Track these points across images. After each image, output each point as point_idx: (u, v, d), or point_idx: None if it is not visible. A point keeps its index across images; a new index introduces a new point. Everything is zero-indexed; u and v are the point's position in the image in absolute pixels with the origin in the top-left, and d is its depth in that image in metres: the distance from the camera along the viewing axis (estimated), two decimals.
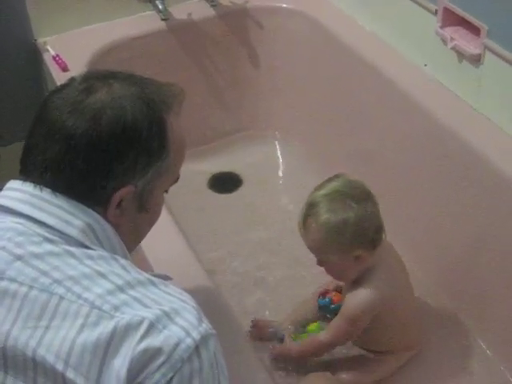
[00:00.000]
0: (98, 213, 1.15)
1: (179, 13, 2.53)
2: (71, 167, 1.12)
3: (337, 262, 1.75)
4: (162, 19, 2.49)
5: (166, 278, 1.28)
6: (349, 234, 1.70)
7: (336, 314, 1.84)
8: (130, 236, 1.24)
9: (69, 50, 2.34)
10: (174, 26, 2.52)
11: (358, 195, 1.72)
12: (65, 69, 2.27)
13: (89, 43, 2.36)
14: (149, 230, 1.30)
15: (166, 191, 1.29)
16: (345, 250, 1.72)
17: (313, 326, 1.95)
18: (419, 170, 2.12)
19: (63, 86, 1.18)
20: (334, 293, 2.00)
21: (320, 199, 1.73)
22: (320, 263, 1.80)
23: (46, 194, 1.13)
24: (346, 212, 1.69)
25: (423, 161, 2.06)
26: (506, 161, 1.85)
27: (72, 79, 1.19)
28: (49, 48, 2.36)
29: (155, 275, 1.19)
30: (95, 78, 1.19)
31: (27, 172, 1.16)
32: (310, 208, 1.74)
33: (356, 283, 1.79)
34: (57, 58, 2.29)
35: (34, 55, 2.41)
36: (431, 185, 2.08)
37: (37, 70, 2.44)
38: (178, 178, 1.30)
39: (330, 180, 1.77)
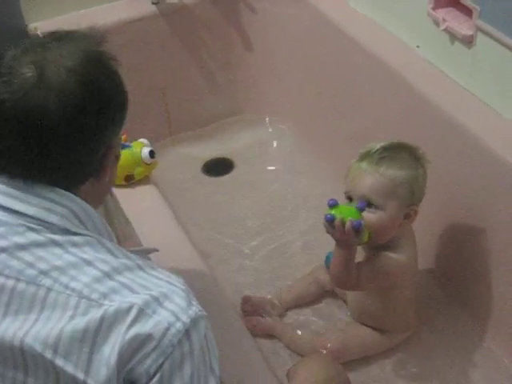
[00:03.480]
0: (88, 189, 1.14)
1: None
2: (49, 153, 1.08)
3: (392, 214, 1.72)
4: (153, 3, 2.47)
5: (152, 250, 1.28)
6: (418, 187, 1.74)
7: None
8: (102, 194, 1.24)
9: None
10: (165, 9, 2.50)
11: (423, 157, 1.78)
12: None
13: (80, 28, 2.35)
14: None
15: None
16: (405, 203, 1.73)
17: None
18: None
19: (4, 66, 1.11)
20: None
21: (391, 147, 1.76)
22: (367, 216, 1.70)
23: (22, 184, 1.11)
24: (417, 168, 1.75)
25: (416, 142, 2.06)
26: (498, 141, 1.84)
27: (9, 56, 1.13)
28: (39, 33, 2.34)
29: (141, 249, 1.19)
30: (33, 50, 1.12)
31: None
32: (386, 151, 1.75)
33: (389, 245, 1.78)
34: None
35: None
36: None
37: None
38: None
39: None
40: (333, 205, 1.66)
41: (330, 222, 1.65)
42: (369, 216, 1.70)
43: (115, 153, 1.19)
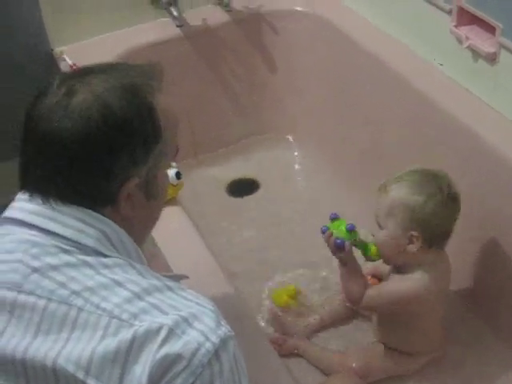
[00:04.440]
0: (109, 214, 1.14)
1: (194, 19, 2.54)
2: (72, 175, 1.11)
3: (392, 235, 1.75)
4: (177, 26, 2.50)
5: (182, 277, 1.28)
6: (419, 215, 1.72)
7: None
8: (142, 226, 1.23)
9: (85, 58, 2.31)
10: (190, 32, 2.53)
11: (451, 191, 1.75)
12: None
13: (105, 51, 2.37)
14: (159, 215, 1.28)
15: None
16: (404, 226, 1.73)
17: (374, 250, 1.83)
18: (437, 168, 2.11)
19: (42, 95, 1.14)
20: (369, 277, 1.98)
21: (416, 172, 1.78)
22: (375, 234, 1.80)
23: (56, 204, 1.12)
24: (430, 196, 1.73)
25: (440, 160, 2.06)
26: None
27: (49, 85, 1.15)
28: (65, 57, 2.37)
29: (172, 276, 1.19)
30: (72, 78, 1.15)
31: (30, 187, 1.14)
32: (401, 176, 1.77)
33: (403, 269, 1.81)
34: (74, 67, 2.31)
35: (52, 65, 2.43)
36: None
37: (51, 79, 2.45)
38: (177, 150, 1.27)
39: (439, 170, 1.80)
40: (332, 218, 1.79)
41: (322, 233, 1.79)
42: (376, 234, 1.79)
43: (145, 186, 1.17)
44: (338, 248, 1.76)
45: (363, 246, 1.83)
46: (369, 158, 2.41)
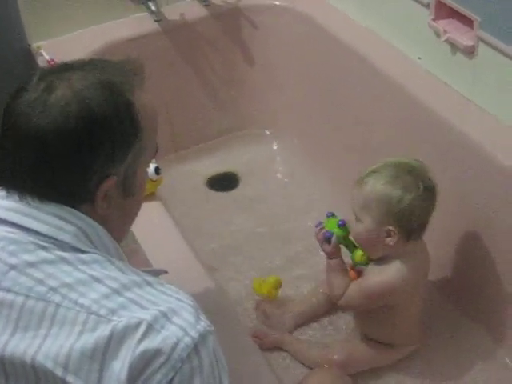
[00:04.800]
0: (86, 211, 1.13)
1: (172, 13, 2.53)
2: (50, 171, 1.10)
3: (368, 228, 1.75)
4: (155, 20, 2.50)
5: (161, 272, 1.28)
6: (395, 210, 1.71)
7: None
8: (120, 223, 1.22)
9: (63, 53, 2.31)
10: (168, 26, 2.52)
11: (427, 184, 1.74)
12: None
13: (83, 46, 2.36)
14: (138, 212, 1.27)
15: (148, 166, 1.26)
16: (380, 220, 1.73)
17: (358, 256, 1.85)
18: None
19: (21, 90, 1.13)
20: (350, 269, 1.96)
21: (392, 165, 1.76)
22: (352, 226, 1.81)
23: (33, 201, 1.12)
24: (407, 190, 1.71)
25: (420, 153, 2.06)
26: (502, 151, 1.85)
27: (28, 80, 1.14)
28: (43, 52, 2.35)
29: (151, 271, 1.19)
30: (51, 73, 1.14)
31: (7, 183, 1.14)
32: (378, 168, 1.77)
33: (382, 260, 1.80)
34: (51, 62, 2.29)
35: (29, 60, 2.41)
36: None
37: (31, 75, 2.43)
38: (157, 149, 1.26)
39: (414, 159, 1.79)
40: (328, 216, 1.86)
41: (316, 227, 1.86)
42: (353, 226, 1.80)
43: (122, 183, 1.16)
44: (325, 239, 1.81)
45: (351, 248, 1.85)
46: (350, 152, 2.41)
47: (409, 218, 1.73)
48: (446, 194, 1.79)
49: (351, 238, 1.84)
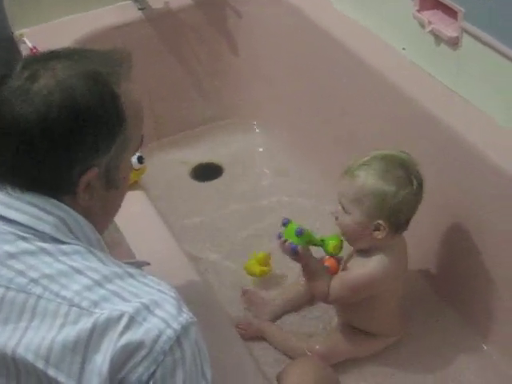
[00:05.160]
0: (68, 202, 1.12)
1: (156, 2, 2.52)
2: (31, 161, 1.09)
3: (357, 221, 1.75)
4: (139, 9, 2.48)
5: (144, 264, 1.28)
6: (388, 205, 1.71)
7: None
8: (103, 215, 1.21)
9: (46, 41, 2.29)
10: (152, 15, 2.51)
11: (418, 179, 1.74)
12: None
13: (66, 34, 2.34)
14: (121, 203, 1.26)
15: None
16: (371, 214, 1.73)
17: (332, 247, 1.85)
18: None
19: (5, 76, 1.12)
20: (327, 257, 1.94)
21: (382, 158, 1.75)
22: (339, 217, 1.79)
23: (13, 191, 1.11)
24: (401, 186, 1.71)
25: (404, 144, 2.07)
26: (485, 142, 1.85)
27: (12, 68, 1.13)
28: (26, 40, 2.34)
29: (133, 262, 1.18)
30: (36, 62, 1.13)
31: None
32: (369, 161, 1.75)
33: (366, 251, 1.81)
34: (34, 50, 2.28)
35: (12, 48, 2.39)
36: None
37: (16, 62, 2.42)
38: (142, 141, 1.24)
39: (402, 151, 1.78)
40: (284, 223, 1.81)
41: (278, 239, 1.82)
42: (340, 217, 1.78)
43: (105, 175, 1.15)
44: (291, 252, 1.79)
45: (321, 244, 1.85)
46: (334, 143, 2.41)
47: (399, 212, 1.73)
48: (431, 187, 1.80)
49: (312, 234, 1.83)
